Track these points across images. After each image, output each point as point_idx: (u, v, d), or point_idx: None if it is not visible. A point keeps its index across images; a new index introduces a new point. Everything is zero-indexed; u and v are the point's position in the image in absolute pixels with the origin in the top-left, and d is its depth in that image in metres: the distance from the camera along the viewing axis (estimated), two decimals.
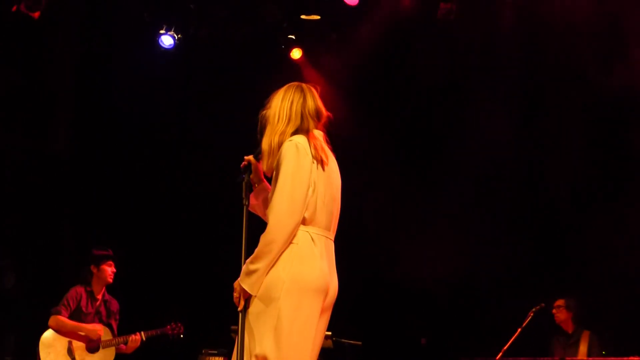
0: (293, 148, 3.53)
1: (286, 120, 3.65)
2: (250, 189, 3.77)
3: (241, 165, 3.79)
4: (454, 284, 8.28)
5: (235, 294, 3.51)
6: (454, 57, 8.42)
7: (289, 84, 3.78)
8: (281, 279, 3.44)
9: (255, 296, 3.46)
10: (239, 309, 3.50)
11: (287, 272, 3.45)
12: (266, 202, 3.75)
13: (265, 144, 3.66)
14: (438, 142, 8.75)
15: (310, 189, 3.53)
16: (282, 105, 3.68)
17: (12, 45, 8.00)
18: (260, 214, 3.82)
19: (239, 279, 3.51)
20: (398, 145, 8.86)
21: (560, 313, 7.56)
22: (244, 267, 3.50)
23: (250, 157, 3.77)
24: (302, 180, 3.50)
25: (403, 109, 8.82)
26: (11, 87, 8.19)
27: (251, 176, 3.76)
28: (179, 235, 8.90)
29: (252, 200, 3.79)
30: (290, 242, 3.48)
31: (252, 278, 3.45)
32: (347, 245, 8.08)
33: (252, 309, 3.48)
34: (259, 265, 3.44)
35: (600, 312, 7.67)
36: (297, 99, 3.69)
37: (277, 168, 3.53)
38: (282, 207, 3.45)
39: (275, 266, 3.46)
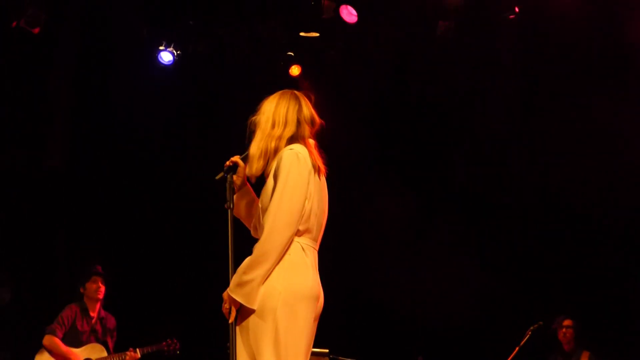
0: (294, 158, 3.50)
1: (282, 126, 3.61)
2: (233, 190, 3.67)
3: (225, 164, 3.70)
4: (452, 302, 8.25)
5: (226, 305, 3.44)
6: (453, 75, 8.43)
7: (282, 90, 3.74)
8: (277, 290, 3.40)
9: (247, 308, 3.40)
10: (230, 320, 3.43)
11: (281, 283, 3.42)
12: (250, 207, 3.73)
13: (254, 148, 3.61)
14: (436, 159, 8.75)
15: (307, 201, 3.51)
16: (277, 110, 3.64)
17: (11, 59, 8.01)
18: (242, 217, 3.77)
19: (228, 289, 3.44)
20: (396, 161, 8.86)
21: (569, 333, 7.54)
22: (234, 278, 3.43)
23: (237, 159, 3.70)
24: (301, 192, 3.48)
25: (401, 126, 8.83)
26: (9, 100, 8.19)
27: (234, 177, 3.68)
28: (176, 250, 8.88)
29: (236, 202, 3.71)
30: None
31: (245, 289, 3.39)
32: (345, 262, 8.14)
33: (247, 323, 3.43)
34: (253, 275, 3.39)
35: (599, 332, 7.65)
36: (292, 105, 3.66)
37: (276, 176, 3.49)
38: (280, 218, 3.42)
39: (268, 277, 3.42)
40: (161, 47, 8.34)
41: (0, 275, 8.17)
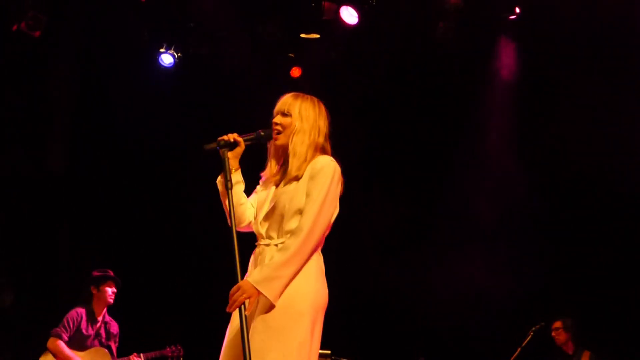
0: (336, 168, 3.57)
1: (324, 136, 3.68)
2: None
3: (221, 137, 3.62)
4: (452, 302, 8.26)
5: (246, 295, 3.30)
6: (453, 75, 8.44)
7: (317, 99, 3.75)
8: (307, 293, 3.42)
9: (269, 303, 3.36)
10: (247, 312, 3.28)
11: (311, 287, 3.45)
12: (236, 190, 3.63)
13: (303, 149, 3.59)
14: (436, 159, 8.76)
15: (336, 211, 3.60)
16: (321, 118, 3.69)
17: (12, 63, 8.01)
18: (222, 196, 3.65)
19: (251, 279, 3.33)
20: (396, 161, 8.87)
21: (560, 335, 7.48)
22: (264, 271, 3.35)
23: (239, 137, 3.64)
24: (336, 202, 3.57)
25: (401, 126, 8.83)
26: (10, 105, 8.20)
27: (229, 154, 3.60)
28: (176, 250, 8.89)
29: (220, 186, 3.65)
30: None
31: (274, 284, 3.34)
32: (345, 262, 8.15)
33: (273, 323, 3.36)
34: (284, 272, 3.37)
35: (600, 331, 7.66)
36: (328, 118, 3.73)
37: (316, 182, 3.51)
38: (318, 225, 3.45)
39: (297, 279, 3.40)
40: (162, 50, 8.35)
41: (2, 278, 8.18)
